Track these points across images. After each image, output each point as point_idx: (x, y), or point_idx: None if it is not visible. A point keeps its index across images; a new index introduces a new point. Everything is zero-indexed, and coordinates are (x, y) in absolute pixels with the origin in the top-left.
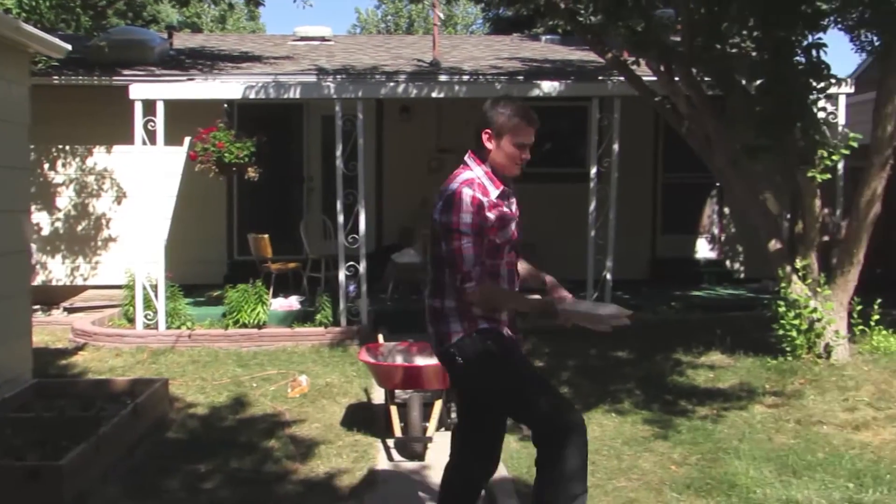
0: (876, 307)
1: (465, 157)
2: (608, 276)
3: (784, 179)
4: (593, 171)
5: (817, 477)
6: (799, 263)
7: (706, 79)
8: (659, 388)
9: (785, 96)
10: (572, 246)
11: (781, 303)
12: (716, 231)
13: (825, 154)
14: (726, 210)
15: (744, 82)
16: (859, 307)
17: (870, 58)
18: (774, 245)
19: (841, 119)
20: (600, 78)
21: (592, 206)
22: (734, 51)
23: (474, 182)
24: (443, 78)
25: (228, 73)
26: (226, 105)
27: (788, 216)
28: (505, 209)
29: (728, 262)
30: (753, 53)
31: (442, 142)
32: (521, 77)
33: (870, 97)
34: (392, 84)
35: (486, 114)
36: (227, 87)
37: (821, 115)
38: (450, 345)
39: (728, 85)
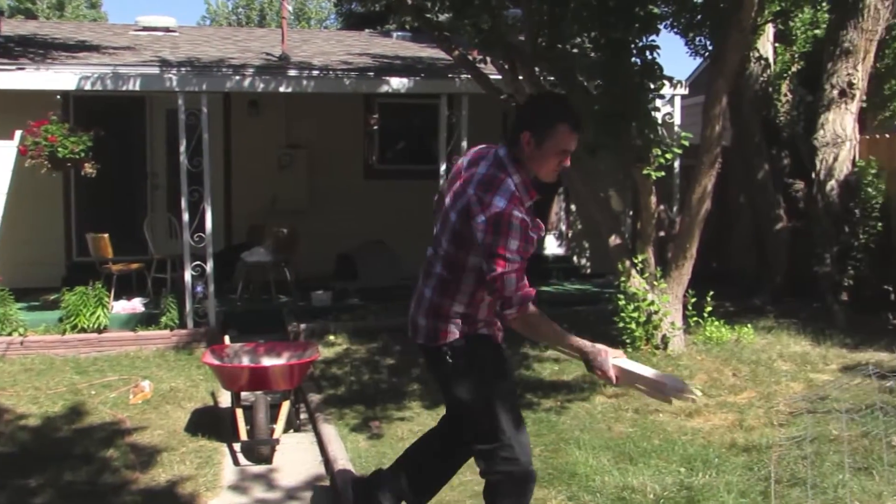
0: (709, 299)
1: (500, 152)
2: None
3: (624, 177)
4: (443, 167)
5: (652, 463)
6: (637, 258)
7: (550, 78)
8: None
9: (621, 96)
10: (427, 242)
11: (621, 296)
12: (563, 228)
13: (659, 152)
14: (573, 207)
15: (585, 82)
16: (694, 299)
17: (704, 61)
18: (614, 240)
19: (677, 119)
20: (450, 75)
21: None
22: (575, 51)
23: (515, 196)
24: (292, 72)
25: (63, 62)
26: (59, 97)
27: (632, 213)
28: (538, 221)
29: (575, 258)
30: (592, 54)
31: (291, 137)
32: (371, 73)
33: (703, 99)
34: (238, 78)
35: (527, 113)
36: (60, 77)
37: (659, 115)
38: (444, 343)
39: (570, 84)
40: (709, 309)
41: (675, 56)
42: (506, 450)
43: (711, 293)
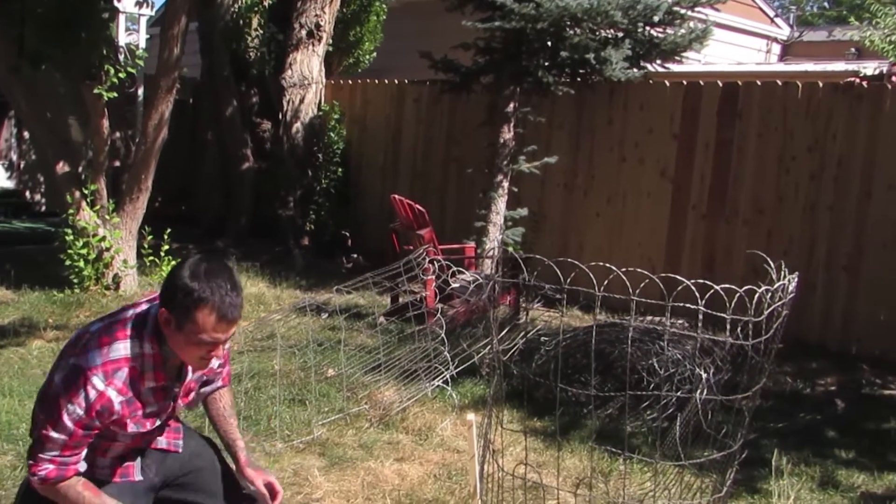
0: (166, 237)
1: (146, 309)
2: None
3: (75, 96)
4: None
5: None
6: (88, 188)
7: None
8: None
9: (70, 2)
10: None
11: (70, 231)
12: (14, 158)
13: (112, 70)
14: (27, 134)
15: None
16: (151, 237)
17: None
18: (62, 167)
19: (142, 42)
20: None
21: None
22: None
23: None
24: None
25: None
26: None
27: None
28: (148, 410)
29: (28, 193)
30: None
31: None
32: None
33: None
34: None
35: (169, 286)
36: None
37: (124, 38)
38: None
39: None
40: (166, 248)
41: None
42: None
43: (170, 231)
